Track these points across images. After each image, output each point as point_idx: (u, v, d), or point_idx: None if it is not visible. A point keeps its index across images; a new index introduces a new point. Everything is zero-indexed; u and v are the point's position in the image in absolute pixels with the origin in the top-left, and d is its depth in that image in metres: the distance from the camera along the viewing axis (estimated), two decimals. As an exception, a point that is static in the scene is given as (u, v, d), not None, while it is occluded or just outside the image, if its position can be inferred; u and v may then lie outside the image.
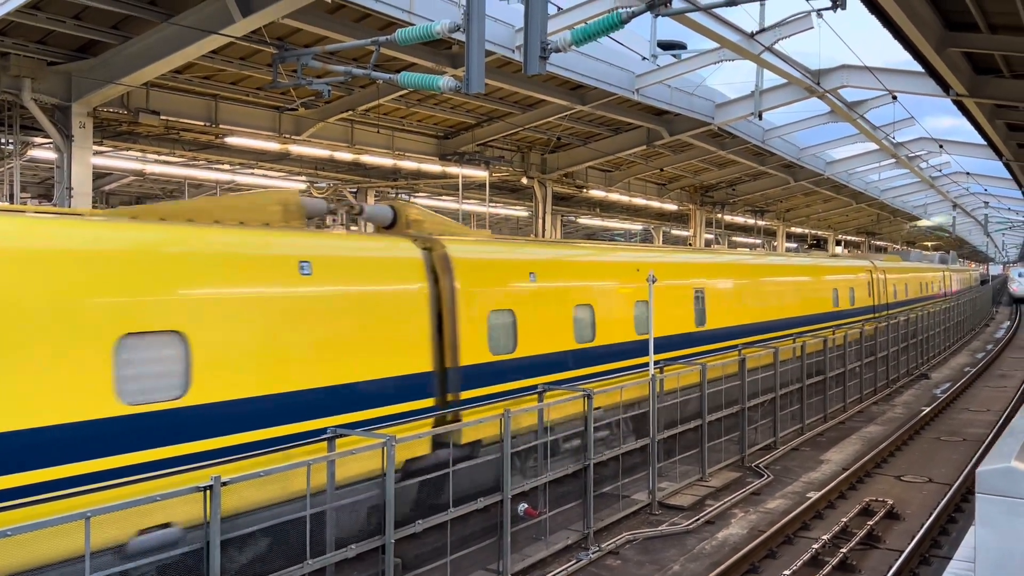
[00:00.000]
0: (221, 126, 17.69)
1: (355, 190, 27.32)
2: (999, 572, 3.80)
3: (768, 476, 14.06)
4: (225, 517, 6.49)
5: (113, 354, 6.92)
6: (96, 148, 17.09)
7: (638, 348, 13.41)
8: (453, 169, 23.22)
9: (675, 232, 50.92)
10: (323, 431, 8.18)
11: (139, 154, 20.91)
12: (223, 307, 7.84)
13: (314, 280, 8.65)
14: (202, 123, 17.45)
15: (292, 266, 8.51)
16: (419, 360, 9.67)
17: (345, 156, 21.75)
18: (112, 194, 29.45)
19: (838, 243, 58.02)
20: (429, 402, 9.78)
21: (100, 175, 26.40)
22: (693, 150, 26.54)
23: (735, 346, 16.09)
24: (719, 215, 37.39)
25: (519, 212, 38.61)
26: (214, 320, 7.72)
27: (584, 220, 42.16)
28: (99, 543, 5.98)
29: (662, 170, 28.95)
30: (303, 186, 27.53)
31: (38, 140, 16.24)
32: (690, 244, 35.01)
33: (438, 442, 9.58)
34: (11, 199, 17.12)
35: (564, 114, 20.31)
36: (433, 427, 9.50)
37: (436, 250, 10.42)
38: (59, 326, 6.65)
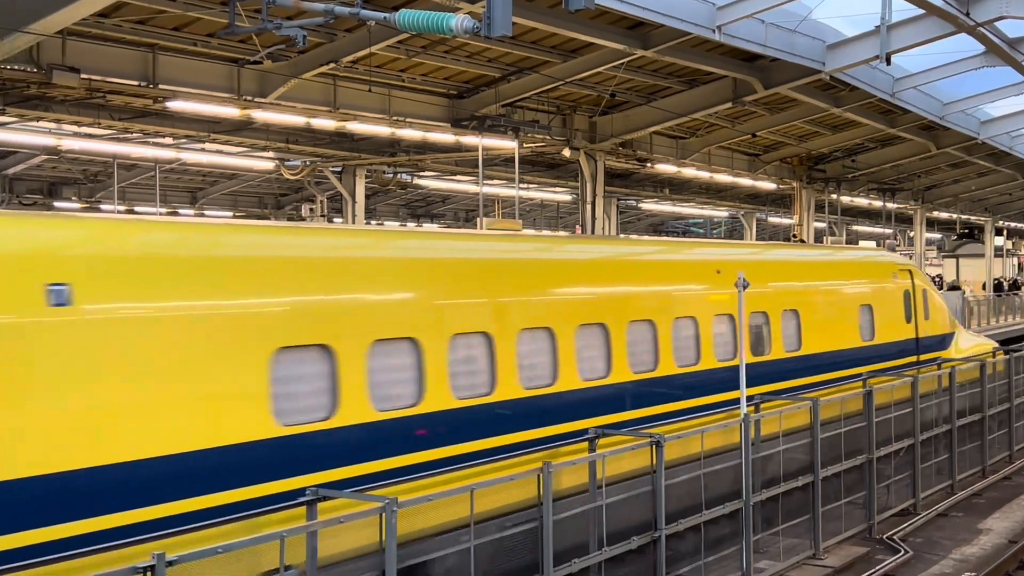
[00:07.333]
0: (161, 86, 17.93)
1: (339, 169, 27.58)
2: None
3: (906, 552, 13.98)
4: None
5: None
6: (-3, 119, 17.42)
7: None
8: (471, 139, 23.36)
9: (773, 220, 50.67)
10: None
11: (53, 126, 21.27)
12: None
13: None
14: (136, 83, 17.71)
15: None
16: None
17: (326, 123, 21.98)
18: (17, 179, 29.89)
19: (1000, 232, 57.40)
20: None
21: (2, 155, 26.87)
22: (797, 108, 26.47)
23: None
24: (833, 195, 37.14)
25: (559, 195, 38.73)
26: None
27: (648, 205, 42.14)
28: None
29: (754, 135, 28.90)
30: (270, 164, 27.88)
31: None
32: (795, 236, 34.86)
33: None
34: None
35: (620, 62, 20.36)
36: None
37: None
38: None
